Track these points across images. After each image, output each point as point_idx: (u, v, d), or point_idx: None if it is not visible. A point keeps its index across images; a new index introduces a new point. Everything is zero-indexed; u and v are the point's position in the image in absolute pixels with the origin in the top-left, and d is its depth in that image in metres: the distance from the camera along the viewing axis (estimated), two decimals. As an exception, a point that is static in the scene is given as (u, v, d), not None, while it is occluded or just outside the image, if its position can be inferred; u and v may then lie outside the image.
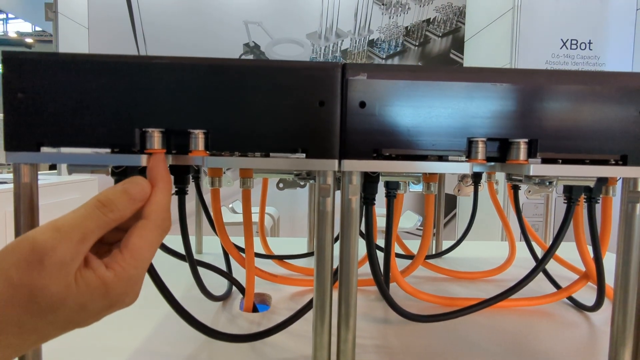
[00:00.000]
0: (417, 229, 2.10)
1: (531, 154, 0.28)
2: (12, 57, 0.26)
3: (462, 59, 2.98)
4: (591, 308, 0.49)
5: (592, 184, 0.34)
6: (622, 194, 0.29)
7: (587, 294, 0.52)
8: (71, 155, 0.27)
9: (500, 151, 0.29)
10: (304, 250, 0.77)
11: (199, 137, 0.27)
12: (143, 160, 0.27)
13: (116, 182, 0.32)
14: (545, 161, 0.28)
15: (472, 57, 2.88)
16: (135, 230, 0.23)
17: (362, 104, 0.27)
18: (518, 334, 0.44)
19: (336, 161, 0.28)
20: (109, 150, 0.28)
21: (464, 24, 3.00)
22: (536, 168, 0.28)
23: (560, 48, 2.38)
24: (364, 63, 0.34)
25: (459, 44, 3.00)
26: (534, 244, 0.60)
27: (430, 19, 2.99)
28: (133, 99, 0.27)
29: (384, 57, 3.00)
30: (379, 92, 0.27)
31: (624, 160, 0.28)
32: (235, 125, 0.27)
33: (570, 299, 0.52)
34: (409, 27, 2.99)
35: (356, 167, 0.28)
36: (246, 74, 0.27)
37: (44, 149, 0.27)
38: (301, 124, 0.27)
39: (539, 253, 0.63)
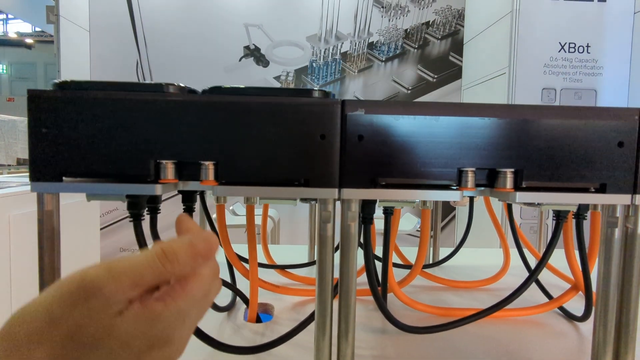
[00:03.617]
0: (416, 230, 2.12)
1: (517, 182, 0.30)
2: (37, 95, 0.28)
3: (462, 61, 3.00)
4: (580, 318, 0.51)
5: (574, 209, 0.36)
6: (602, 219, 0.31)
7: (577, 303, 0.54)
8: (91, 185, 0.29)
9: (489, 179, 0.31)
10: (305, 258, 0.79)
11: (209, 168, 0.29)
12: (157, 189, 0.29)
13: (129, 207, 0.34)
14: (530, 189, 0.30)
15: (471, 60, 2.90)
16: None
17: (360, 137, 0.29)
18: (510, 343, 0.46)
19: (336, 190, 0.30)
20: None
21: (463, 26, 3.02)
22: (521, 196, 0.30)
23: (559, 51, 2.40)
24: (362, 100, 0.35)
25: (458, 47, 3.02)
26: (528, 252, 0.62)
27: (429, 21, 3.01)
28: (148, 134, 0.29)
29: (384, 59, 3.02)
30: (376, 126, 0.29)
31: (603, 189, 0.30)
32: (243, 157, 0.29)
33: (561, 308, 0.54)
34: (408, 30, 3.01)
35: (355, 195, 0.30)
36: (252, 110, 0.29)
37: (66, 179, 0.29)
38: (304, 156, 0.29)
39: (532, 260, 0.66)
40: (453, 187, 0.31)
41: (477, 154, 0.30)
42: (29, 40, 9.60)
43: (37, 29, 9.02)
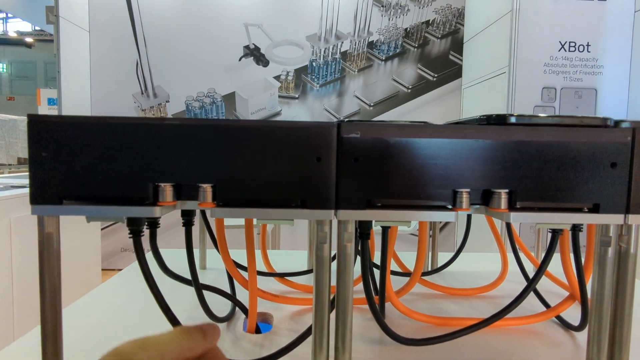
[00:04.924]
0: (416, 230, 2.13)
1: (511, 202, 0.31)
2: (37, 120, 0.29)
3: (462, 60, 3.00)
4: (577, 328, 0.51)
5: (568, 227, 0.37)
6: (595, 237, 0.32)
7: (574, 312, 0.55)
8: (91, 208, 0.29)
9: (484, 198, 0.32)
10: (304, 263, 0.79)
11: (207, 191, 0.30)
12: (156, 211, 0.29)
13: (128, 223, 0.35)
14: (524, 209, 0.31)
15: (471, 59, 2.90)
16: None
17: (356, 159, 0.30)
18: (507, 353, 0.47)
19: (332, 211, 0.30)
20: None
21: (463, 25, 3.01)
22: (515, 216, 0.30)
23: (559, 50, 2.40)
24: (358, 122, 0.34)
25: (458, 45, 3.02)
26: (526, 260, 0.63)
27: (429, 20, 3.01)
28: (146, 157, 0.29)
29: (384, 58, 3.02)
30: (371, 149, 0.30)
31: (596, 209, 0.31)
32: (241, 180, 0.30)
33: (558, 317, 0.55)
34: (408, 29, 3.01)
35: (351, 216, 0.30)
36: (250, 133, 0.29)
37: (66, 203, 0.29)
38: (300, 178, 0.30)
39: (530, 267, 0.66)
40: (448, 207, 0.31)
41: (472, 175, 0.30)
42: (28, 39, 9.59)
43: (37, 28, 9.01)
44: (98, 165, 0.29)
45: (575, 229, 0.45)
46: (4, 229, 1.49)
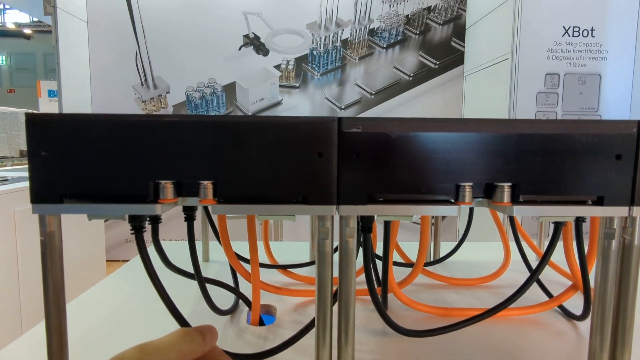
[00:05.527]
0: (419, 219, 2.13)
1: (514, 196, 0.30)
2: (35, 119, 0.28)
3: (464, 47, 2.96)
4: (579, 317, 0.51)
5: (572, 220, 0.36)
6: (599, 230, 0.32)
7: (576, 301, 0.55)
8: (92, 206, 0.29)
9: (486, 192, 0.31)
10: (306, 254, 0.80)
11: (208, 188, 0.29)
12: (157, 209, 0.29)
13: (130, 220, 0.35)
14: (527, 202, 0.31)
15: (474, 45, 2.86)
16: None
17: (358, 154, 0.30)
18: (509, 343, 0.47)
19: (334, 207, 0.30)
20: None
21: (465, 11, 2.97)
22: (518, 209, 0.30)
23: (562, 36, 2.37)
24: (359, 117, 0.34)
25: (460, 32, 2.98)
26: (528, 248, 0.63)
27: (431, 6, 2.97)
28: (146, 155, 0.29)
29: (385, 46, 2.99)
30: (373, 144, 0.29)
31: (600, 201, 0.30)
32: (242, 176, 0.29)
33: (560, 307, 0.55)
34: (409, 16, 2.97)
35: (352, 212, 0.30)
36: (250, 129, 0.29)
37: (67, 201, 0.29)
38: (301, 174, 0.29)
39: (533, 257, 0.66)
40: (451, 201, 0.31)
41: (475, 168, 0.30)
42: (27, 31, 9.52)
43: (35, 19, 8.94)
44: (98, 164, 0.29)
45: (579, 219, 0.45)
46: (8, 222, 1.50)
